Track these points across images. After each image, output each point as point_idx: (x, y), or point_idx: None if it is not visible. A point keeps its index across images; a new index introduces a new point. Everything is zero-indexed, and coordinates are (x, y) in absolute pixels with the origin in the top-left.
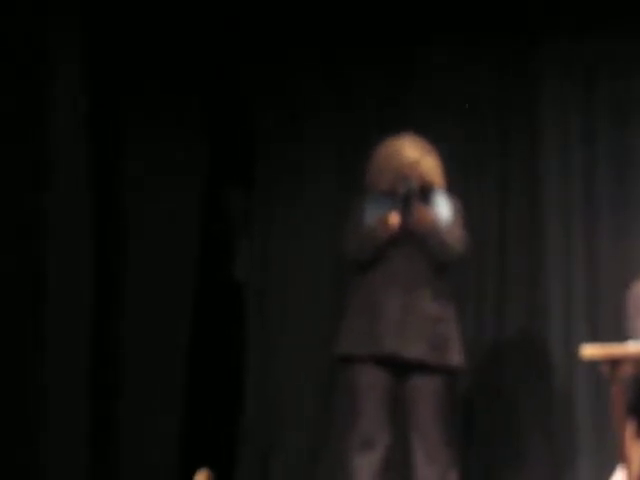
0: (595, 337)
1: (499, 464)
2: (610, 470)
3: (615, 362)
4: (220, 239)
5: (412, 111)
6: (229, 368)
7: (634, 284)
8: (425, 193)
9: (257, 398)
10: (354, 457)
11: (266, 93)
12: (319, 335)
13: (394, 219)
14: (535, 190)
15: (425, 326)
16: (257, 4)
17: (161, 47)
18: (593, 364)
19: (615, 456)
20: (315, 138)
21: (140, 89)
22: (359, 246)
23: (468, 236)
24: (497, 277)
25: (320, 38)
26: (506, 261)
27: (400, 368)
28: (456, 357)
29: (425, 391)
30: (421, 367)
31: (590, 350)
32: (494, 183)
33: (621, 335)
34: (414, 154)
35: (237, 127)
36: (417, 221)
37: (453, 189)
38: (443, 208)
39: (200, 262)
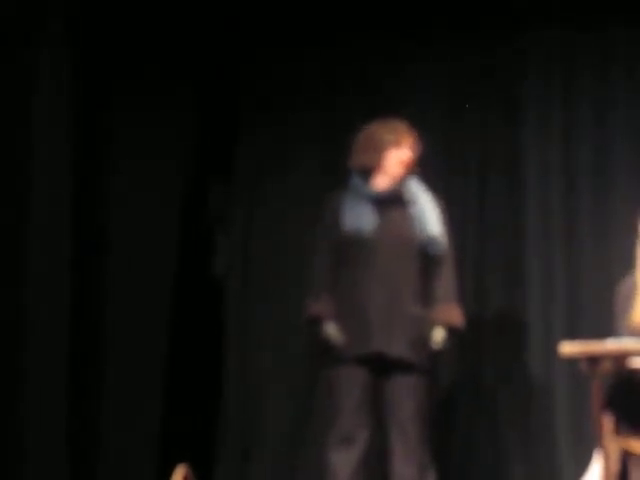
0: (574, 335)
1: (476, 459)
2: (587, 465)
3: (593, 359)
4: (200, 234)
5: (396, 100)
6: (208, 366)
7: (621, 282)
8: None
9: (237, 396)
10: (333, 454)
11: (249, 87)
12: (299, 331)
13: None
14: (515, 183)
15: (407, 325)
16: None
17: (148, 36)
18: (572, 360)
19: (592, 451)
20: (297, 131)
21: (126, 77)
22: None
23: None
24: (476, 277)
25: (303, 27)
26: (484, 261)
27: (381, 367)
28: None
29: (405, 390)
30: (401, 366)
31: (569, 347)
32: (475, 174)
33: (605, 332)
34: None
35: (219, 119)
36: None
37: (434, 177)
38: (424, 200)
39: (179, 258)
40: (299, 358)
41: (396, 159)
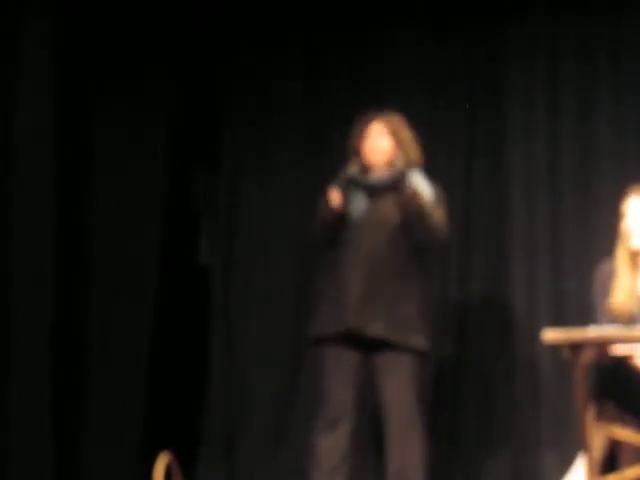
0: (559, 321)
1: (463, 444)
2: (572, 455)
3: (576, 347)
4: (185, 220)
5: (379, 85)
6: (194, 351)
7: (601, 264)
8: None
9: (222, 380)
10: (320, 438)
11: (232, 74)
12: (284, 317)
13: (334, 198)
14: (500, 172)
15: (386, 305)
16: None
17: (129, 23)
18: (555, 348)
19: (576, 441)
20: (282, 117)
21: (108, 62)
22: (315, 228)
23: (449, 219)
24: (460, 263)
25: (288, 18)
26: (471, 252)
27: (367, 348)
28: (419, 338)
29: (392, 371)
30: (385, 346)
31: (551, 335)
32: (460, 164)
33: (586, 315)
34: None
35: (203, 105)
36: (407, 200)
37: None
38: (424, 188)
39: (164, 244)
40: (285, 343)
41: (368, 148)
